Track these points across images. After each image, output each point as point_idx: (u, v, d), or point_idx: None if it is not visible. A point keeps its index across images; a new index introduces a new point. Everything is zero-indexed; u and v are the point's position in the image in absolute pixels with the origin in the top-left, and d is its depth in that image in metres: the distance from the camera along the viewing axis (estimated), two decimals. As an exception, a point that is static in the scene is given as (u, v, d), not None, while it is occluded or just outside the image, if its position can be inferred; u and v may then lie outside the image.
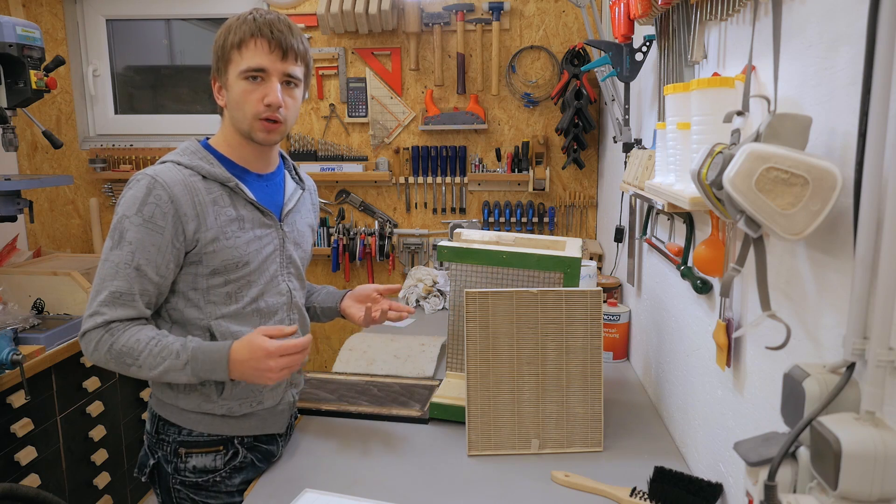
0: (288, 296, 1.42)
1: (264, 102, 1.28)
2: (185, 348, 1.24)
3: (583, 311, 1.41)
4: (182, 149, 1.35)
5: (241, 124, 1.31)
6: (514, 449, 1.43)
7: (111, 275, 1.24)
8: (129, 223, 1.23)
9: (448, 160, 3.10)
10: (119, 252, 1.23)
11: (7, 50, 2.00)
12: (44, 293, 2.41)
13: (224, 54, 1.29)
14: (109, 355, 1.23)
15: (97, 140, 3.31)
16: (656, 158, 1.37)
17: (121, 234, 1.23)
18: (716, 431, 1.24)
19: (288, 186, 1.47)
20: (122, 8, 3.23)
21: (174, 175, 1.26)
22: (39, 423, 2.15)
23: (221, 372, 1.24)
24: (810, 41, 0.87)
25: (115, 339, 1.23)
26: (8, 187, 2.12)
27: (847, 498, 0.65)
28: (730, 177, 0.78)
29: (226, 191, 1.31)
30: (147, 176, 1.25)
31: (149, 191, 1.23)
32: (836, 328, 0.80)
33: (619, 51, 1.84)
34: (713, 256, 1.17)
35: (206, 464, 1.36)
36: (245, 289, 1.33)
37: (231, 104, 1.31)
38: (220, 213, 1.29)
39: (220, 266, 1.29)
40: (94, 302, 1.25)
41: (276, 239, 1.38)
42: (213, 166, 1.31)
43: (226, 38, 1.29)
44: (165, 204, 1.23)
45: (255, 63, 1.27)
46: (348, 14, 2.87)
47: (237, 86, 1.29)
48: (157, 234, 1.23)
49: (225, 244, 1.29)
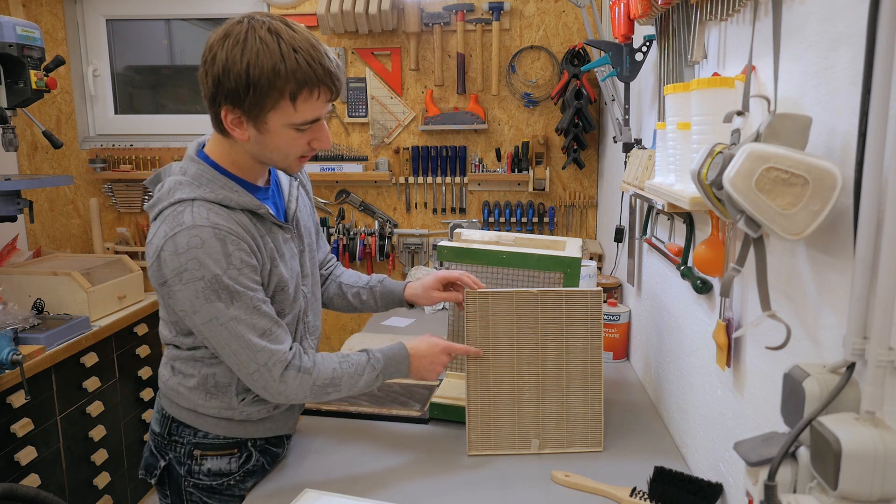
0: (304, 301, 1.38)
1: (312, 146, 1.22)
2: (376, 359, 1.32)
3: (583, 311, 1.41)
4: (195, 176, 1.22)
5: (276, 163, 1.25)
6: (514, 449, 1.43)
7: (250, 325, 1.19)
8: (229, 279, 1.16)
9: (448, 160, 3.10)
10: (240, 304, 1.18)
11: (7, 50, 2.00)
12: (44, 293, 2.41)
13: (265, 97, 1.12)
14: (312, 391, 1.26)
15: (97, 140, 3.31)
16: (656, 158, 1.37)
17: (227, 291, 1.16)
18: (716, 431, 1.24)
19: (283, 184, 1.40)
20: (122, 8, 3.23)
21: (225, 217, 1.18)
22: (39, 423, 2.15)
23: (405, 369, 1.36)
24: (810, 41, 0.87)
25: (314, 379, 1.25)
26: (8, 187, 2.12)
27: (847, 498, 0.65)
28: (730, 177, 0.78)
29: (256, 217, 1.24)
30: (205, 228, 1.15)
31: (222, 241, 1.16)
32: (836, 328, 0.80)
33: (619, 51, 1.84)
34: (713, 256, 1.17)
35: (222, 467, 1.34)
36: (286, 308, 1.31)
37: (266, 146, 1.20)
38: (264, 243, 1.24)
39: (270, 293, 1.27)
40: (255, 358, 1.20)
41: (296, 249, 1.35)
42: (239, 195, 1.22)
43: (271, 83, 1.11)
44: (243, 245, 1.19)
45: (312, 116, 1.17)
46: (348, 14, 2.87)
47: (283, 134, 1.18)
48: (254, 272, 1.21)
49: (274, 272, 1.26)
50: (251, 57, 1.10)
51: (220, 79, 1.12)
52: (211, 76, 1.14)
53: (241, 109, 1.14)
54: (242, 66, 1.10)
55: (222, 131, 1.20)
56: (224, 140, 1.23)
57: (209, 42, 1.15)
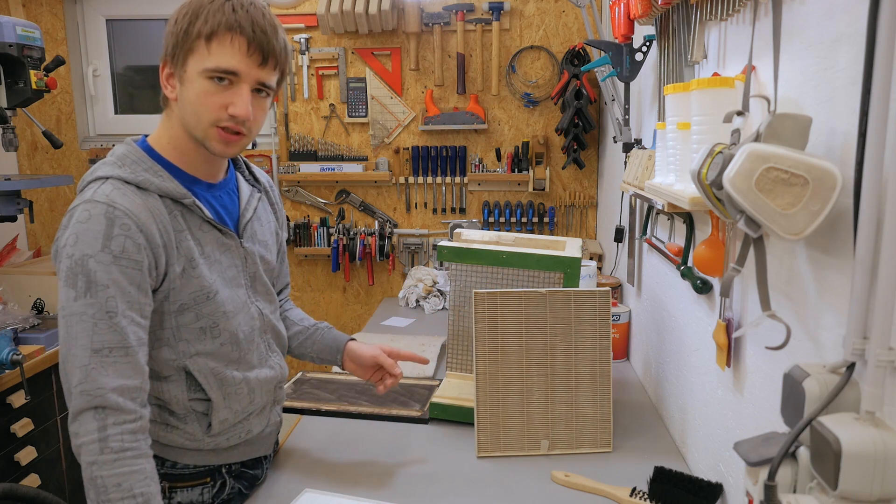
0: (260, 319, 1.26)
1: (229, 111, 1.08)
2: None
3: (591, 311, 1.41)
4: (120, 156, 1.12)
5: (193, 129, 1.11)
6: (523, 450, 1.43)
7: (88, 330, 1.00)
8: (96, 263, 1.01)
9: (448, 160, 3.10)
10: (91, 300, 1.01)
11: (7, 50, 2.00)
12: (44, 293, 2.40)
13: (186, 40, 1.07)
14: (86, 470, 0.99)
15: (97, 140, 3.31)
16: (656, 158, 1.37)
17: (87, 277, 1.01)
18: (716, 431, 1.24)
19: (243, 192, 1.27)
20: (122, 8, 3.23)
21: (131, 198, 1.06)
22: (39, 423, 2.15)
23: None
24: (810, 41, 0.87)
25: (102, 460, 0.98)
26: (8, 187, 2.11)
27: (847, 498, 0.65)
28: (730, 177, 0.78)
29: (180, 209, 1.12)
30: (99, 203, 1.04)
31: (110, 221, 1.03)
32: (836, 328, 0.80)
33: (619, 51, 1.84)
34: (713, 256, 1.17)
35: (193, 499, 1.22)
36: (221, 322, 1.16)
37: (184, 102, 1.10)
38: (182, 239, 1.11)
39: (188, 300, 1.12)
40: (74, 374, 1.00)
41: (238, 258, 1.22)
42: (163, 180, 1.10)
43: (191, 22, 1.07)
44: (135, 233, 1.04)
45: (226, 64, 1.06)
46: (348, 14, 2.87)
47: (197, 83, 1.08)
48: (136, 271, 1.04)
49: (191, 274, 1.12)
50: (185, 5, 1.10)
51: (164, 37, 1.12)
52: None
53: (170, 60, 1.11)
54: (176, 16, 1.10)
55: (163, 98, 1.16)
56: (164, 116, 1.17)
57: None
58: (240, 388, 1.21)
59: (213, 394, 1.17)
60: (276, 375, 1.30)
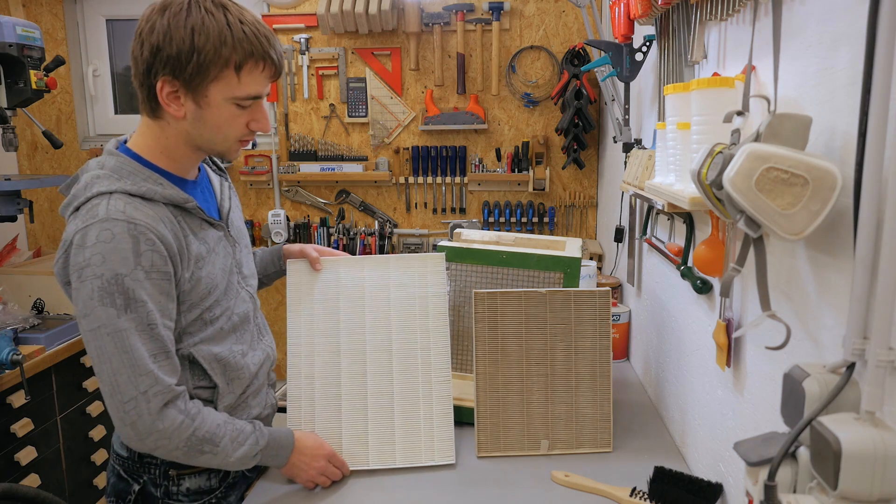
0: (252, 301, 1.33)
1: (250, 127, 1.16)
2: (261, 434, 1.21)
3: (591, 311, 1.41)
4: (114, 168, 1.12)
5: (214, 144, 1.16)
6: (523, 450, 1.43)
7: (138, 343, 1.07)
8: (132, 281, 1.06)
9: (448, 160, 3.10)
10: (133, 315, 1.06)
11: (7, 50, 2.00)
12: (44, 293, 2.40)
13: (209, 68, 1.06)
14: (187, 442, 1.12)
15: (97, 140, 3.31)
16: (656, 158, 1.37)
17: (125, 296, 1.05)
18: (716, 431, 1.24)
19: (214, 182, 1.32)
20: (122, 8, 3.23)
21: (144, 211, 1.09)
22: (39, 423, 2.15)
23: (283, 460, 1.26)
24: (810, 41, 0.87)
25: (195, 427, 1.12)
26: (8, 187, 2.11)
27: (847, 498, 0.65)
28: (730, 177, 0.78)
29: (181, 213, 1.15)
30: (118, 222, 1.06)
31: (135, 238, 1.06)
32: (836, 328, 0.80)
33: (619, 51, 1.84)
34: (713, 256, 1.17)
35: (201, 484, 1.26)
36: (216, 308, 1.21)
37: (204, 123, 1.12)
38: (188, 243, 1.15)
39: (196, 300, 1.17)
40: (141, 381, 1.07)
41: (228, 247, 1.27)
42: (164, 188, 1.13)
43: (216, 50, 1.05)
44: (159, 246, 1.08)
45: (256, 91, 1.12)
46: (348, 14, 2.87)
47: (224, 109, 1.11)
48: (166, 281, 1.10)
49: (198, 275, 1.16)
50: (196, 23, 1.04)
51: (160, 46, 1.05)
52: (148, 46, 1.06)
53: (180, 80, 1.07)
54: (187, 32, 1.04)
55: (154, 110, 1.12)
56: (154, 125, 1.15)
57: (144, 15, 1.08)
58: (241, 372, 1.26)
59: (218, 378, 1.22)
60: (270, 356, 1.39)
